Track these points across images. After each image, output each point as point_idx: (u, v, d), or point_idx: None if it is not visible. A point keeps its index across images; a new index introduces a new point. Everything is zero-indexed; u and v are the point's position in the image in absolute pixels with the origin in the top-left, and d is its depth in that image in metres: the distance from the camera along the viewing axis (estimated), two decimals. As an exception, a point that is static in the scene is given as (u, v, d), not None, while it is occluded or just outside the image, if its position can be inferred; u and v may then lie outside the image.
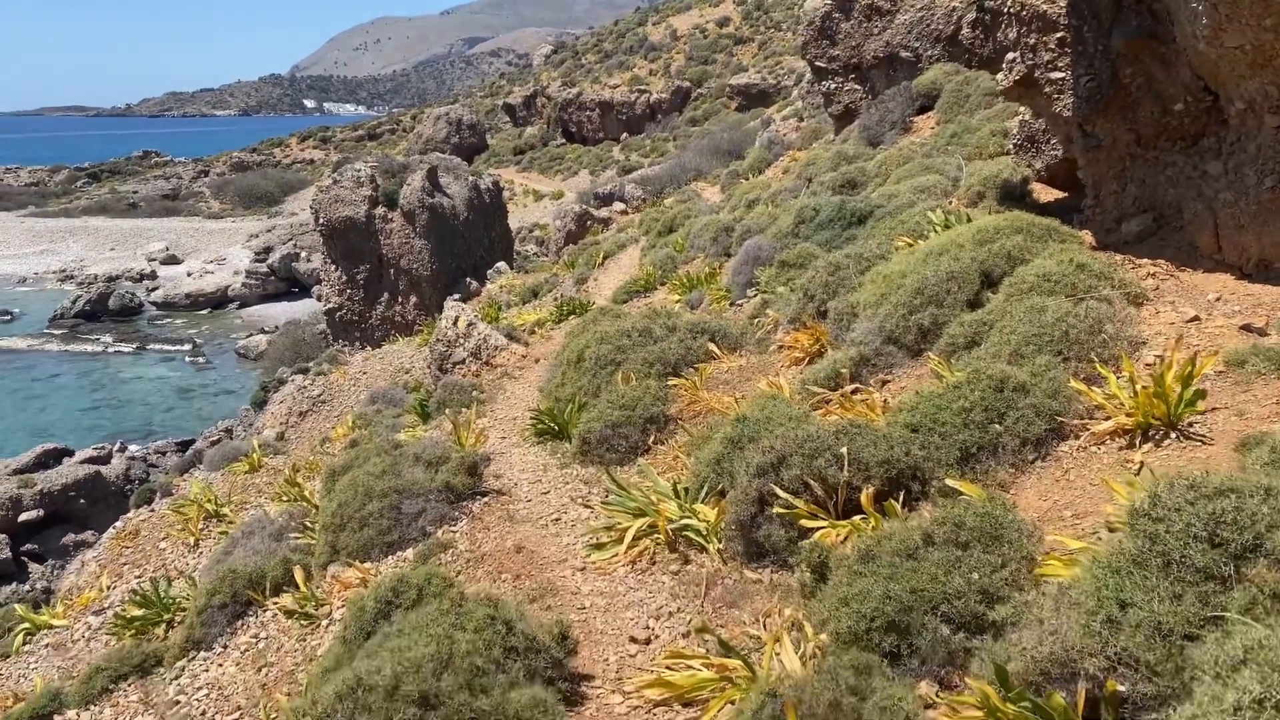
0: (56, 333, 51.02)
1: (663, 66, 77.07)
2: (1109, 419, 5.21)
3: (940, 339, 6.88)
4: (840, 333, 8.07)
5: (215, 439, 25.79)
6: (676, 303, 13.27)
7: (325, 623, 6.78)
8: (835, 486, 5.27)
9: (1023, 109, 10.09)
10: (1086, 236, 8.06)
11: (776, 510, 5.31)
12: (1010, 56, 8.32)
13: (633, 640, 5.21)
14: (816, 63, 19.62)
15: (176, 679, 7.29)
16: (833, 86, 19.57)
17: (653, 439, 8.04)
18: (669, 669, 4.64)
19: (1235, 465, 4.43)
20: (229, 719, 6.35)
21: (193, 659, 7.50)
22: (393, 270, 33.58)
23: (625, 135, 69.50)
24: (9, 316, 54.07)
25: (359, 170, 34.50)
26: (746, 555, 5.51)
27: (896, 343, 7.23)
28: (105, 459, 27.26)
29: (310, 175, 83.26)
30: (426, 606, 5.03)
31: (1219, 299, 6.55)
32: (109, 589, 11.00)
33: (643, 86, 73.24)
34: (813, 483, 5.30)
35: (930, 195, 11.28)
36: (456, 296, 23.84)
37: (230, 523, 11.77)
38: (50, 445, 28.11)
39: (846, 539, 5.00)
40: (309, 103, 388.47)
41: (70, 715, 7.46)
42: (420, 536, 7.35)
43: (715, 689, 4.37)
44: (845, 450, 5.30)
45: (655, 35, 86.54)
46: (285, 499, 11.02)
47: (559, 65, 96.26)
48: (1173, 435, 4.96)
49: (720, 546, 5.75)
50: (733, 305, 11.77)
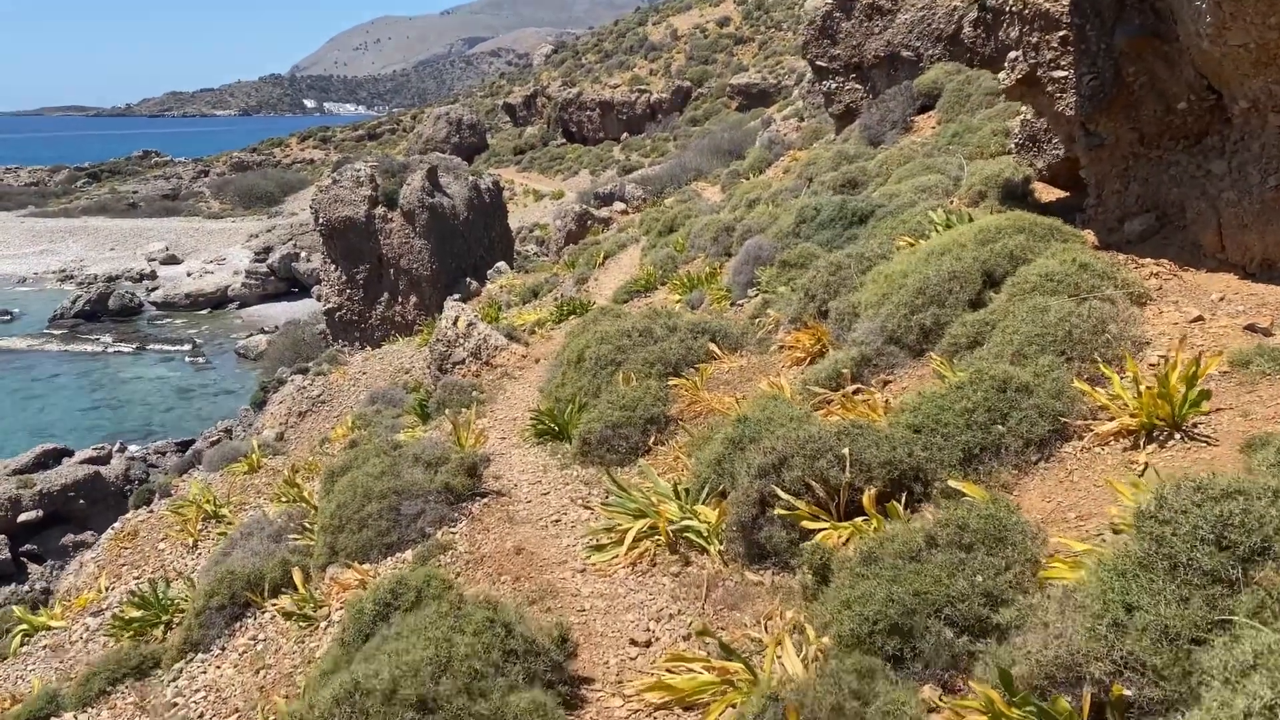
0: (56, 333, 51.01)
1: (663, 66, 77.04)
2: (1113, 420, 5.17)
3: (942, 339, 6.84)
4: (841, 333, 8.03)
5: (215, 439, 25.77)
6: (677, 303, 13.24)
7: (324, 625, 6.74)
8: (837, 488, 5.23)
9: (1024, 108, 10.06)
10: (1089, 236, 8.02)
11: (778, 511, 5.27)
12: (1012, 55, 8.28)
13: (633, 643, 5.17)
14: (817, 62, 19.59)
15: (174, 681, 7.25)
16: (833, 86, 19.54)
17: (653, 440, 8.00)
18: (669, 672, 4.61)
19: (1241, 467, 4.39)
20: (227, 721, 6.31)
21: (190, 661, 7.47)
22: (392, 270, 33.55)
23: (625, 135, 69.48)
24: (9, 316, 54.06)
25: (359, 170, 34.46)
26: (748, 557, 5.48)
27: (898, 343, 7.19)
28: (105, 459, 27.22)
29: (310, 175, 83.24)
30: (425, 609, 5.00)
31: (1223, 299, 6.51)
32: (107, 590, 10.97)
33: (643, 86, 73.22)
34: (814, 484, 5.26)
35: (931, 195, 11.25)
36: (456, 296, 23.81)
37: (229, 524, 11.74)
38: (50, 445, 28.07)
39: (849, 541, 4.96)
40: (309, 103, 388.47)
41: (67, 718, 7.42)
42: (419, 538, 7.31)
43: (716, 692, 4.34)
44: (847, 451, 5.26)
45: (655, 35, 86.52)
46: (284, 500, 10.99)
47: (559, 65, 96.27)
48: (1177, 436, 4.92)
49: (721, 548, 5.71)
50: (733, 305, 11.74)
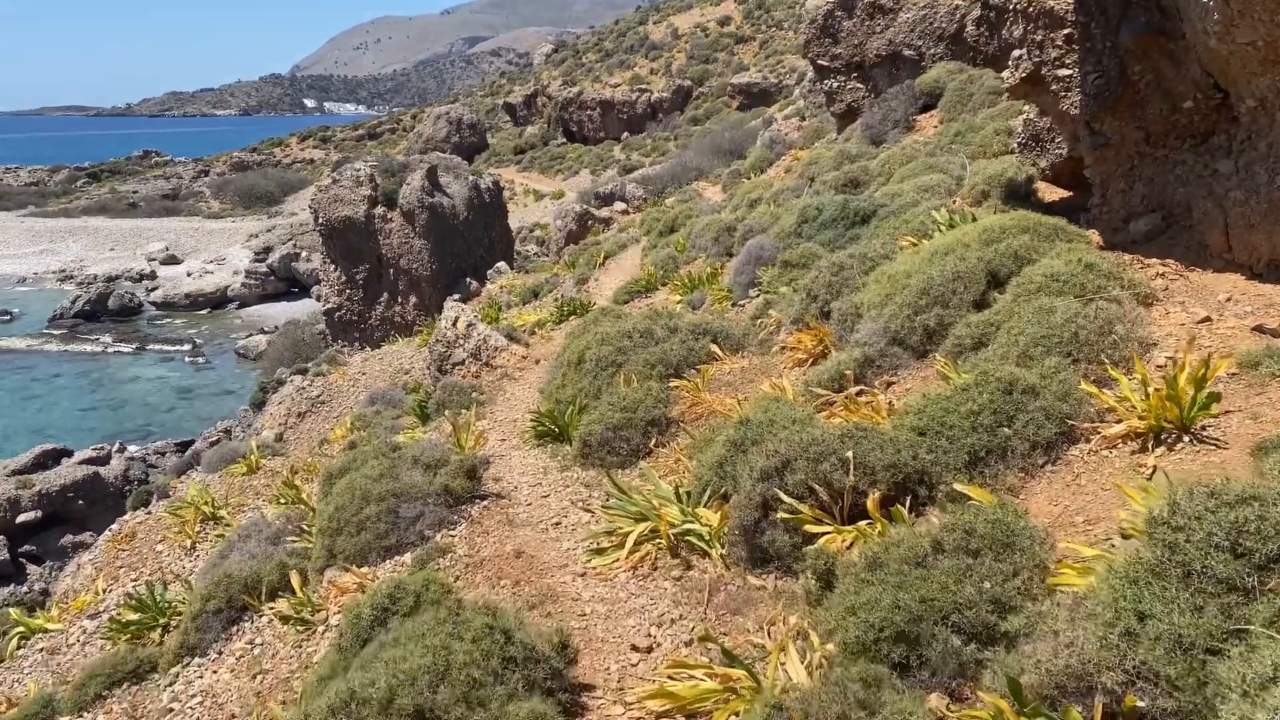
0: (56, 333, 50.97)
1: (664, 65, 76.97)
2: (1120, 422, 5.10)
3: (946, 340, 6.77)
4: (844, 334, 7.96)
5: (214, 440, 25.69)
6: (678, 303, 13.16)
7: (321, 629, 6.67)
8: (840, 491, 5.17)
9: (1028, 107, 9.99)
10: (1094, 236, 7.95)
11: (780, 515, 5.21)
12: (1016, 54, 8.21)
13: (634, 648, 5.10)
14: (819, 61, 19.52)
15: (170, 685, 7.19)
16: (835, 85, 19.47)
17: (654, 442, 7.94)
18: (671, 679, 4.54)
19: (1251, 470, 4.32)
20: (223, 727, 6.25)
21: (187, 665, 7.40)
22: (392, 270, 33.48)
23: (626, 134, 69.42)
24: (9, 316, 54.01)
25: (358, 170, 34.40)
26: (750, 561, 5.41)
27: (901, 344, 7.12)
28: (104, 460, 27.13)
29: (310, 175, 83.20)
30: (423, 614, 4.93)
31: (1230, 299, 6.44)
32: (105, 592, 10.91)
33: (644, 85, 73.15)
34: (817, 487, 5.19)
35: (934, 194, 11.18)
36: (456, 297, 23.75)
37: (227, 525, 11.68)
38: (49, 446, 27.97)
39: (852, 545, 4.89)
40: (309, 102, 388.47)
41: (63, 722, 7.36)
42: (418, 541, 7.24)
43: (719, 700, 4.27)
44: (850, 454, 5.19)
45: (656, 34, 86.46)
46: (283, 501, 10.92)
47: (559, 64, 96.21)
48: (1186, 439, 4.86)
49: (723, 552, 5.65)
50: (735, 306, 11.67)
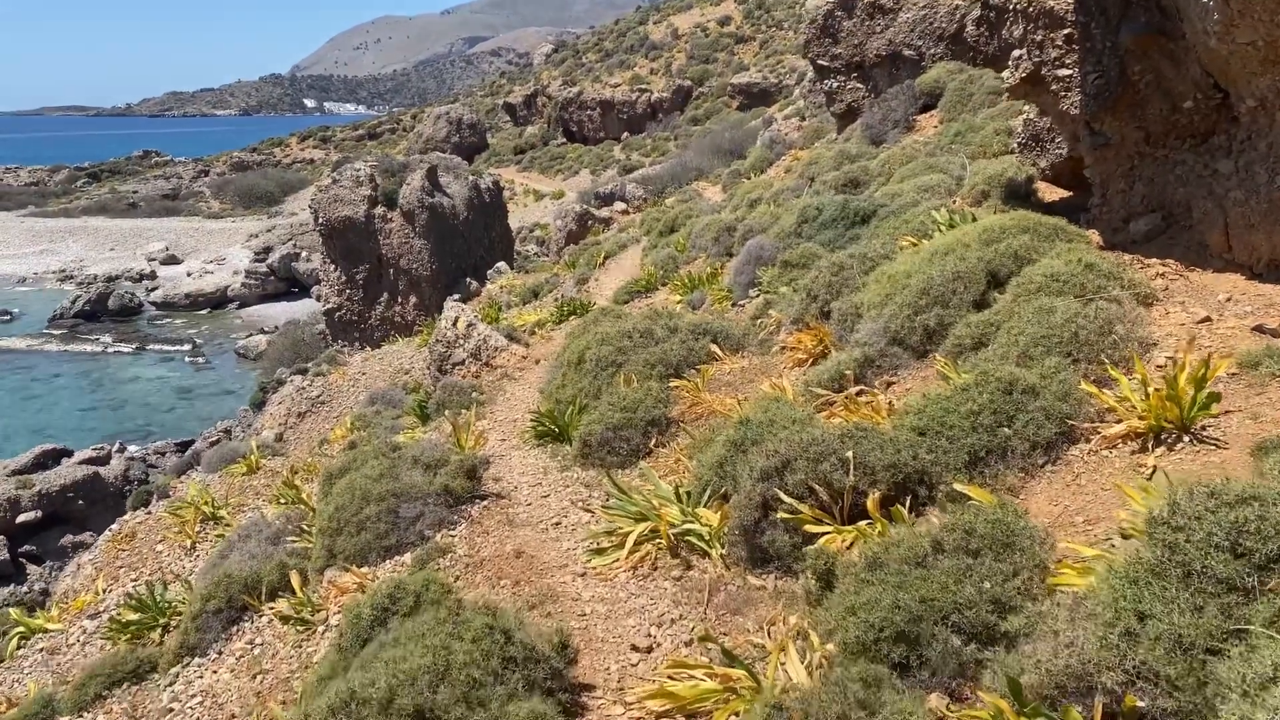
0: (56, 333, 50.97)
1: (664, 65, 76.97)
2: (1120, 422, 5.10)
3: (946, 340, 6.77)
4: (844, 334, 7.96)
5: (214, 440, 25.69)
6: (678, 303, 13.16)
7: (321, 629, 6.67)
8: (840, 491, 5.17)
9: (1028, 107, 9.98)
10: (1094, 236, 7.95)
11: (780, 515, 5.21)
12: (1016, 54, 8.21)
13: (634, 648, 5.10)
14: (819, 61, 19.52)
15: (170, 685, 7.19)
16: (835, 85, 19.47)
17: (654, 442, 7.94)
18: (671, 679, 4.54)
19: (1252, 470, 4.32)
20: (223, 727, 6.24)
21: (187, 665, 7.40)
22: (392, 270, 33.48)
23: (626, 134, 69.42)
24: (9, 316, 54.01)
25: (358, 170, 34.40)
26: (750, 561, 5.41)
27: (902, 344, 7.12)
28: (104, 460, 27.13)
29: (310, 175, 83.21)
30: (423, 614, 4.93)
31: (1230, 299, 6.44)
32: (105, 592, 10.91)
33: (644, 85, 73.15)
34: (817, 487, 5.19)
35: (934, 194, 11.18)
36: (456, 297, 23.75)
37: (227, 525, 11.68)
38: (49, 446, 27.96)
39: (852, 545, 4.89)
40: (309, 102, 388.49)
41: (63, 722, 7.36)
42: (418, 541, 7.24)
43: (719, 700, 4.27)
44: (850, 454, 5.19)
45: (656, 34, 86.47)
46: (283, 501, 10.92)
47: (559, 64, 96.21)
48: (1186, 439, 4.86)
49: (723, 552, 5.65)
50: (735, 306, 11.67)
